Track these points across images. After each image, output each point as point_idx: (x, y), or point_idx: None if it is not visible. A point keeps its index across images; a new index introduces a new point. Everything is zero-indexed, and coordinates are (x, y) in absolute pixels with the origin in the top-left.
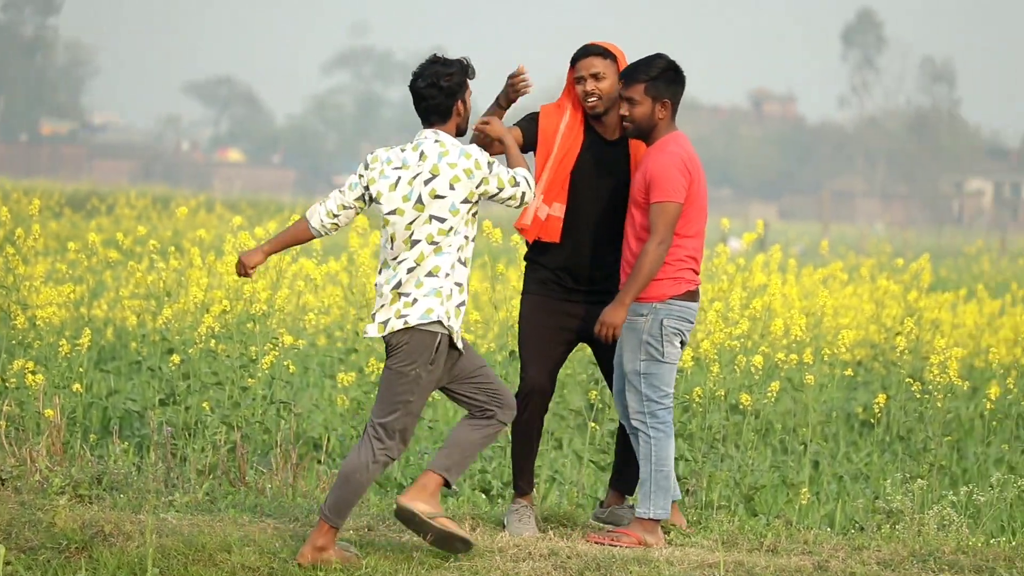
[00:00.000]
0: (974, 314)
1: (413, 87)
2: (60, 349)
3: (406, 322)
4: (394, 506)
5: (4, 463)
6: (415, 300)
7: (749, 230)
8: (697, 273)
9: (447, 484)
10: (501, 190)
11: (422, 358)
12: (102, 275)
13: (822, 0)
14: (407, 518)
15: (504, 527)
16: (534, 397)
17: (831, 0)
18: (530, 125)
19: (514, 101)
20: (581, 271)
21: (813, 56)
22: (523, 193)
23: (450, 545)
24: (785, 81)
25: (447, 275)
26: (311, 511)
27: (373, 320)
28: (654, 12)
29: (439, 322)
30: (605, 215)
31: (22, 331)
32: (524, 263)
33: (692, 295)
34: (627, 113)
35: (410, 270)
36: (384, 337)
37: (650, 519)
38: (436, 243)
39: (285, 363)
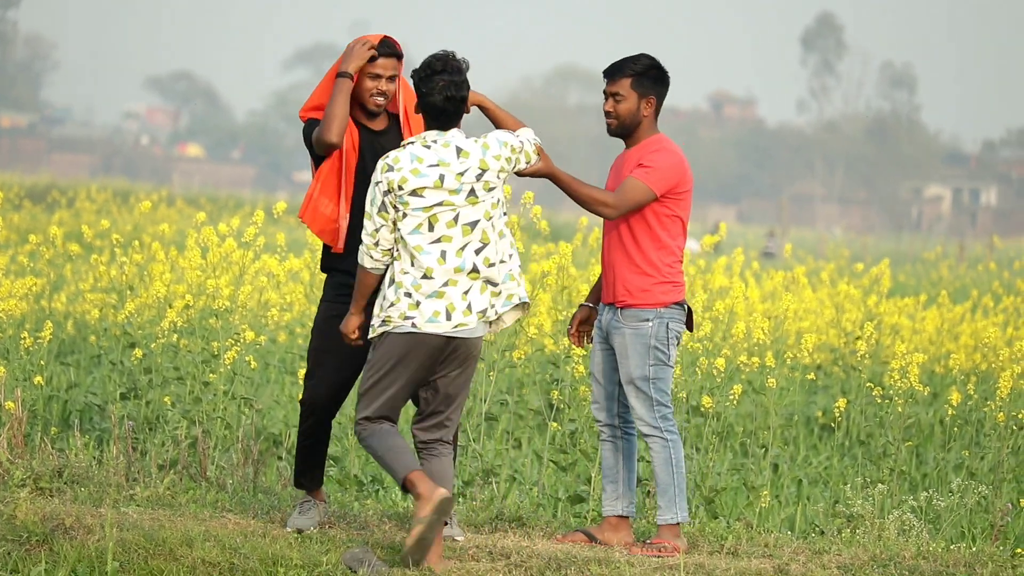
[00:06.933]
0: (934, 320)
1: (434, 101)
2: (21, 342)
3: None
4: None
5: None
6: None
7: (707, 232)
8: None
9: None
10: (529, 162)
11: None
12: (63, 268)
13: (782, 3)
14: None
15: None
16: (316, 409)
17: (791, 3)
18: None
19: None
20: None
21: (773, 59)
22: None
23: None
24: (745, 84)
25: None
26: (272, 507)
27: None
28: (615, 11)
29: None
30: None
31: None
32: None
33: (683, 300)
34: (611, 110)
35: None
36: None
37: (678, 523)
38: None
39: (247, 359)
